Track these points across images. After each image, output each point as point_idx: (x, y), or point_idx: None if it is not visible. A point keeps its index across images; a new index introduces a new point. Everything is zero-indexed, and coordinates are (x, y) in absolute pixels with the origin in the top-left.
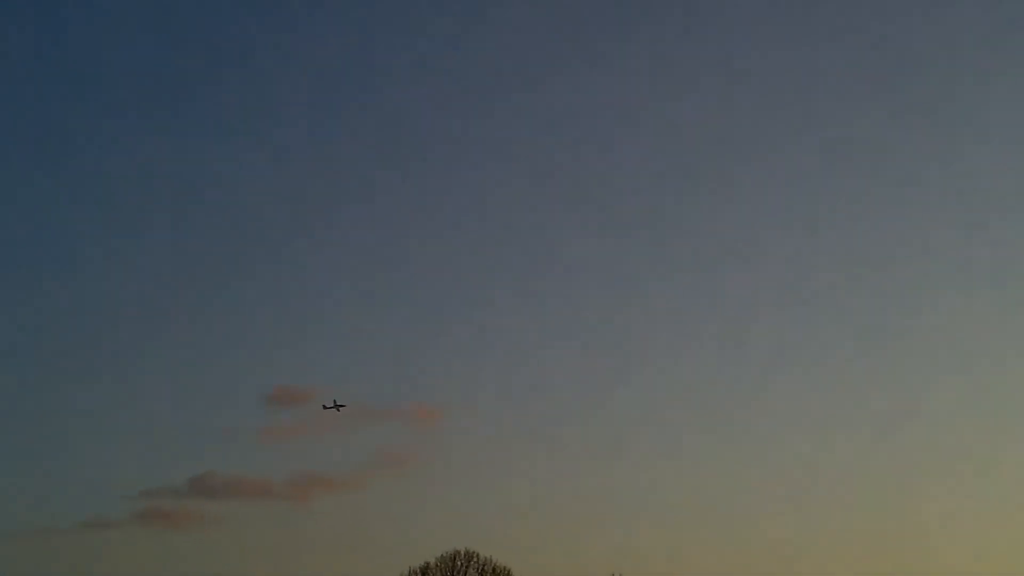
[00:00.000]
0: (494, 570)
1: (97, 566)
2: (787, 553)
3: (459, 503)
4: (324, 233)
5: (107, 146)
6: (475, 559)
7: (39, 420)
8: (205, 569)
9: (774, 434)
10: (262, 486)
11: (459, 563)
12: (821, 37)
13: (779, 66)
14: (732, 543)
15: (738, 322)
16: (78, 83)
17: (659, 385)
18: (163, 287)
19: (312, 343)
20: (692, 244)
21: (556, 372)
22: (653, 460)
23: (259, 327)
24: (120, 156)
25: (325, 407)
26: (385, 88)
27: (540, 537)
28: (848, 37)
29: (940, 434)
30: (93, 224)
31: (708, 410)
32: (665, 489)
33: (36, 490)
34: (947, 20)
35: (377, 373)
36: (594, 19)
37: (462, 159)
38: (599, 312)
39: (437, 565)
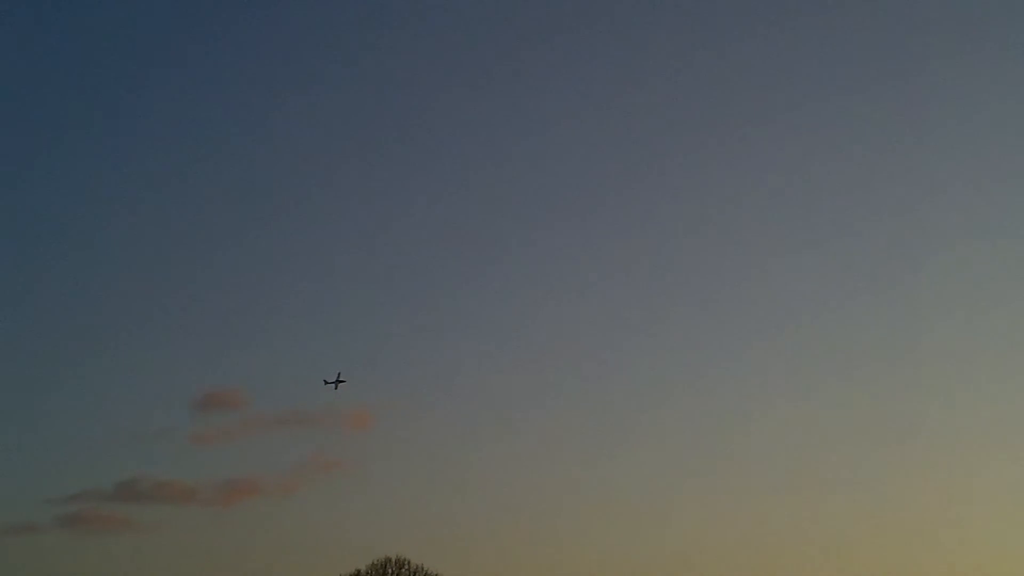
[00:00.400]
0: None
1: (21, 572)
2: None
3: (391, 509)
4: (252, 236)
5: (27, 150)
6: (406, 566)
7: None
8: (133, 575)
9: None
10: (191, 491)
11: (390, 570)
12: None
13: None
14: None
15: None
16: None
17: (595, 390)
18: (89, 292)
19: (242, 347)
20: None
21: (492, 378)
22: (590, 466)
23: (188, 331)
24: (40, 160)
25: (326, 382)
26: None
27: (472, 545)
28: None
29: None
30: (14, 229)
31: (647, 412)
32: (602, 495)
33: None
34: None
35: (308, 377)
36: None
37: (392, 161)
38: (538, 314)
39: (368, 572)
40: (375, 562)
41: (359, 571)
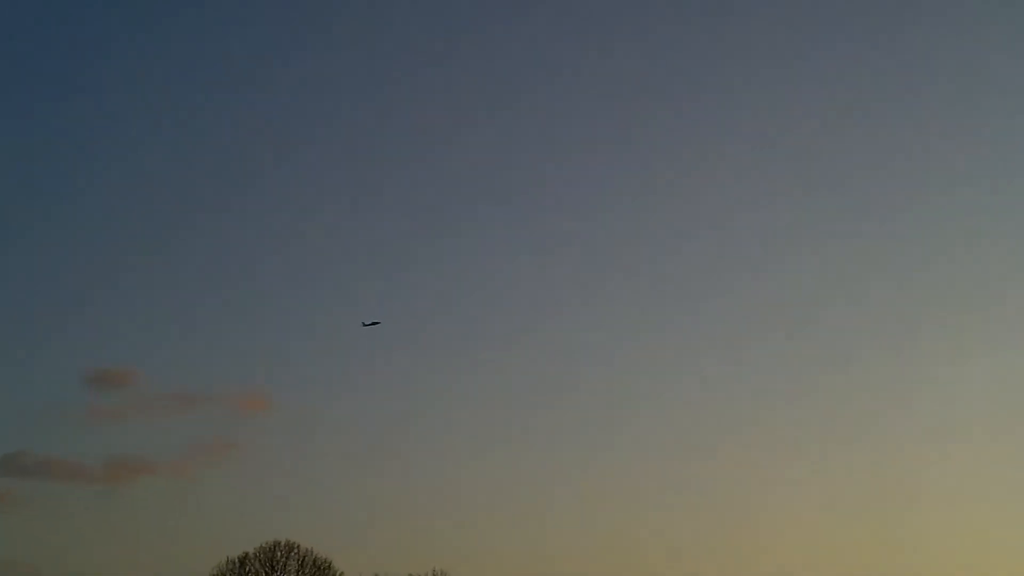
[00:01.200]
0: (315, 562)
1: None
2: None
3: (285, 494)
4: (149, 213)
5: None
6: (296, 550)
7: None
8: (13, 552)
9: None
10: (79, 469)
11: (279, 554)
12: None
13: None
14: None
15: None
16: None
17: (492, 380)
18: None
19: (140, 325)
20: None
21: (386, 365)
22: (481, 458)
23: (83, 307)
24: None
25: (364, 324)
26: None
27: (364, 531)
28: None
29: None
30: None
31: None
32: (496, 486)
33: None
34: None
35: (206, 358)
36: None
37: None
38: (434, 305)
39: (256, 555)
40: (264, 545)
41: (247, 554)
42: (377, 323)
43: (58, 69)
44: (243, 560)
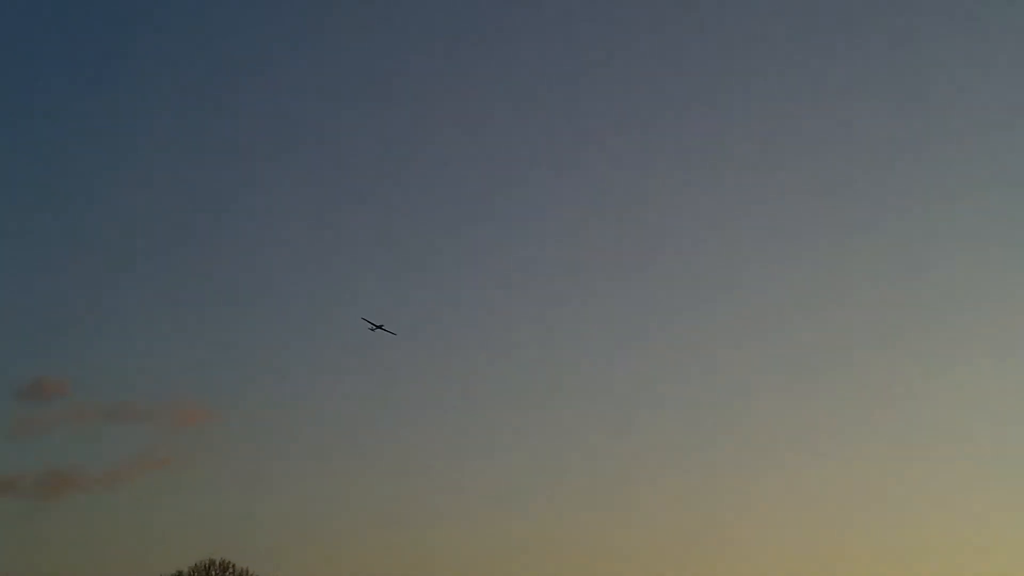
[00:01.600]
0: None
1: None
2: None
3: (220, 511)
4: (80, 221)
5: None
6: (231, 569)
7: None
8: None
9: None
10: (8, 482)
11: (214, 572)
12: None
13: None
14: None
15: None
16: None
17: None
18: None
19: (73, 336)
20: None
21: (327, 381)
22: (432, 471)
23: (13, 317)
24: None
25: (370, 326)
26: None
27: (303, 549)
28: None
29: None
30: None
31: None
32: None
33: None
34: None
35: (142, 369)
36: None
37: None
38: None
39: (190, 574)
40: (198, 564)
41: (181, 572)
42: (382, 327)
43: None
44: None
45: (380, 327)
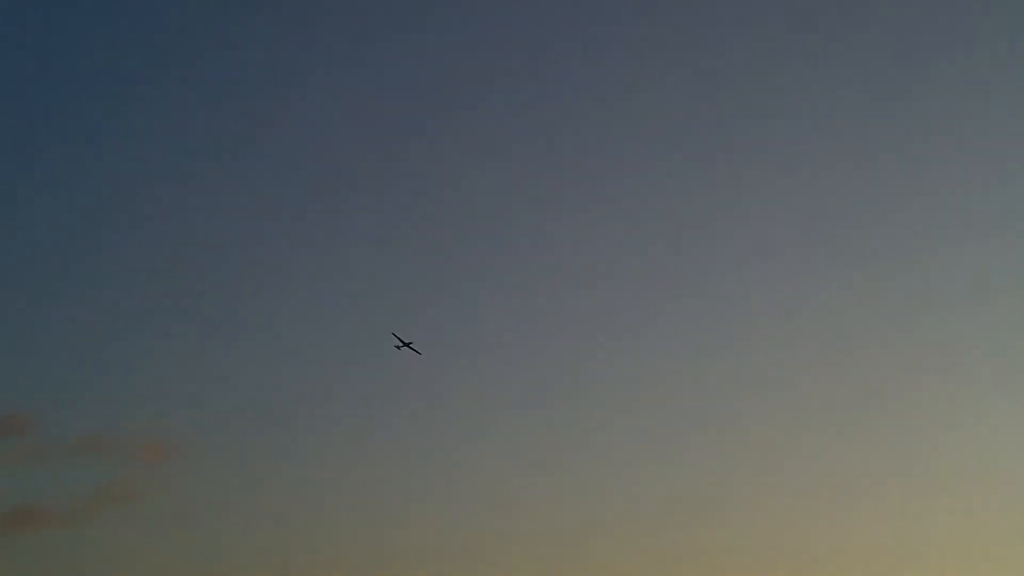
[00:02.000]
0: None
1: None
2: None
3: (187, 546)
4: (41, 250)
5: None
6: None
7: None
8: None
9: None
10: None
11: None
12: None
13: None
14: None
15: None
16: None
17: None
18: None
19: (33, 369)
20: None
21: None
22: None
23: None
24: None
25: (398, 347)
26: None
27: None
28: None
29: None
30: None
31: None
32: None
33: None
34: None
35: (108, 403)
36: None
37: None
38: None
39: None
40: None
41: None
42: (410, 345)
43: None
44: None
45: (409, 345)
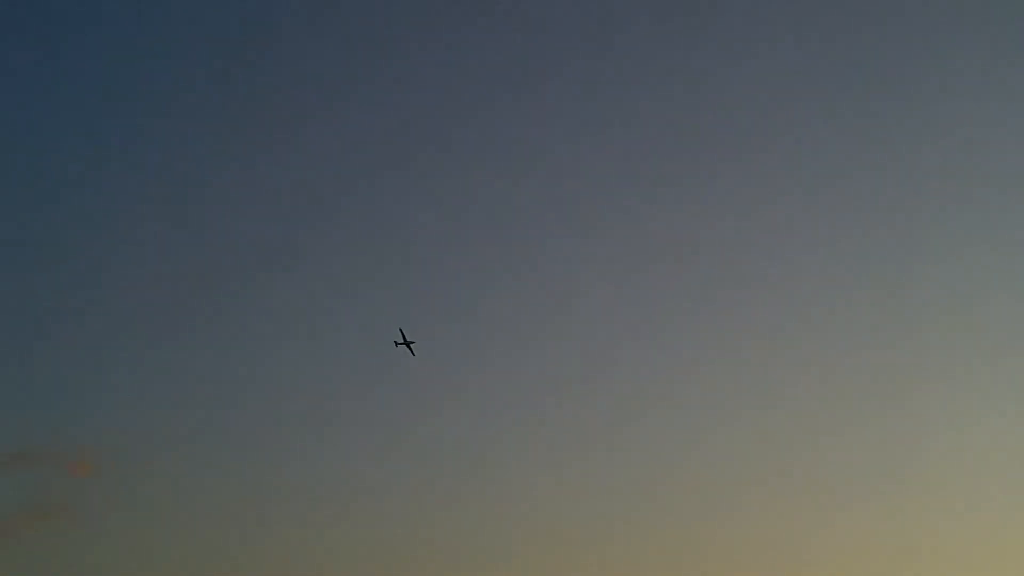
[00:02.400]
0: None
1: None
2: None
3: (118, 563)
4: None
5: None
6: None
7: None
8: None
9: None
10: None
11: None
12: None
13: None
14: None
15: None
16: None
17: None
18: None
19: None
20: None
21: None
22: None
23: None
24: None
25: (396, 344)
26: None
27: None
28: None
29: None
30: None
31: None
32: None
33: None
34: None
35: (34, 415)
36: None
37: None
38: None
39: None
40: None
41: None
42: (413, 343)
43: None
44: None
45: (408, 345)
